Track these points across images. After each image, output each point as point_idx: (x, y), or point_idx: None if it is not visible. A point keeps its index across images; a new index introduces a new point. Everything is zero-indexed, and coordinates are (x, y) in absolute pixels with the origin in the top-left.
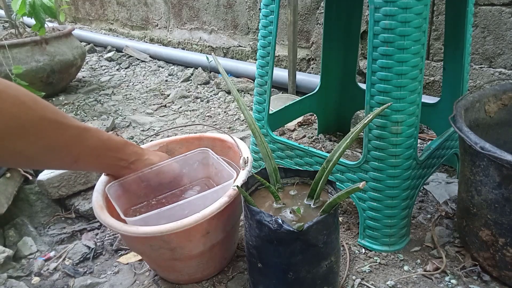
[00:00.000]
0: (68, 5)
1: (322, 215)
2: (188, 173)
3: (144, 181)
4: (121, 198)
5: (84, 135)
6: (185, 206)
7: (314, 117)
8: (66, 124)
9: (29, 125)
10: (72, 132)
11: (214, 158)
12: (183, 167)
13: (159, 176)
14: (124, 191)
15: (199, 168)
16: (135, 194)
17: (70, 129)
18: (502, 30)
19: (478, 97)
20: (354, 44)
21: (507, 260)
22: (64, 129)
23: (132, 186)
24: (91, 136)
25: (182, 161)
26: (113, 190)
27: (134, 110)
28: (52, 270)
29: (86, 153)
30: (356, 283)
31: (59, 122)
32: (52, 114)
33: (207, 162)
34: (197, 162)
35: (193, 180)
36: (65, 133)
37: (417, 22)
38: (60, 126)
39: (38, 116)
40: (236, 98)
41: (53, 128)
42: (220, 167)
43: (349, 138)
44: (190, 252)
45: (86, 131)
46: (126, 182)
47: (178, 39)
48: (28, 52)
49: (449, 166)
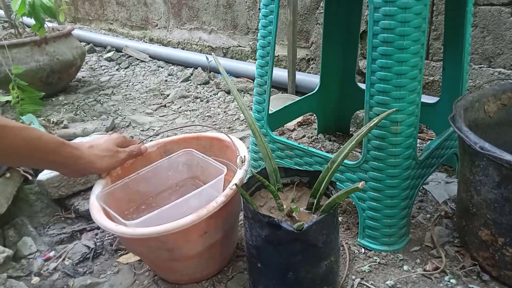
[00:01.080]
0: (67, 5)
1: (321, 215)
2: (173, 175)
3: (131, 187)
4: (112, 206)
5: (2, 133)
6: (181, 205)
7: (313, 117)
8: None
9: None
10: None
11: (200, 158)
12: (168, 169)
13: (147, 180)
14: (113, 198)
15: (184, 169)
16: (124, 200)
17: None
18: (502, 30)
19: (478, 97)
20: (354, 44)
21: (507, 260)
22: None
23: (121, 193)
24: (13, 135)
25: (167, 163)
26: (103, 199)
27: (134, 110)
28: (51, 270)
29: (8, 153)
30: (356, 282)
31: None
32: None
33: (191, 162)
34: (181, 163)
35: (179, 181)
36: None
37: (417, 22)
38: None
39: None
40: (236, 98)
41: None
42: (206, 164)
43: (355, 140)
44: (188, 252)
45: (7, 129)
46: (115, 189)
47: (177, 39)
48: (27, 52)
49: (449, 166)
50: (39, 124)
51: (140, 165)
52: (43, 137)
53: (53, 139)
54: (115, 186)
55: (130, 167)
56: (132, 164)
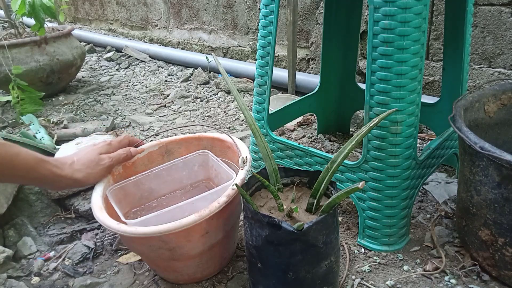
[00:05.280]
0: (67, 5)
1: (321, 215)
2: (188, 175)
3: (144, 184)
4: (122, 201)
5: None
6: (185, 208)
7: (313, 117)
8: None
9: None
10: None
11: (214, 160)
12: (183, 169)
13: (160, 178)
14: (125, 194)
15: (199, 170)
16: (136, 196)
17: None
18: (502, 30)
19: (478, 97)
20: (354, 44)
21: (507, 260)
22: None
23: (133, 189)
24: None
25: (182, 163)
26: (114, 193)
27: (134, 110)
28: (51, 270)
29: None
30: (356, 283)
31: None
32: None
33: (206, 164)
34: (197, 164)
35: (193, 182)
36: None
37: (417, 22)
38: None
39: None
40: (236, 98)
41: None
42: (219, 168)
43: (355, 141)
44: (189, 252)
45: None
46: (127, 185)
47: (177, 39)
48: (27, 52)
49: (449, 166)
50: (39, 124)
51: (141, 165)
52: (21, 154)
53: (31, 156)
54: (127, 181)
55: (131, 166)
56: (133, 164)
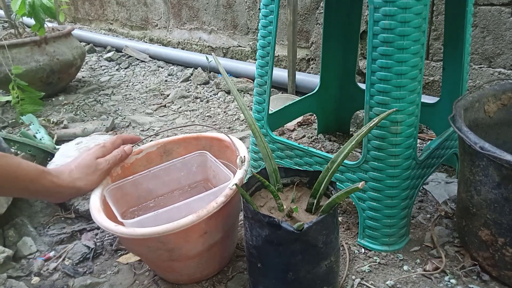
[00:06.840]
0: (67, 5)
1: (321, 215)
2: (187, 175)
3: (142, 183)
4: (120, 201)
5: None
6: (182, 208)
7: (313, 117)
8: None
9: None
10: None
11: (212, 161)
12: (181, 169)
13: (158, 178)
14: (122, 193)
15: (198, 171)
16: (134, 196)
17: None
18: (502, 30)
19: (478, 97)
20: (354, 44)
21: (507, 260)
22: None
23: (131, 189)
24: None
25: (180, 164)
26: (112, 192)
27: (134, 110)
28: (51, 270)
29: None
30: (356, 283)
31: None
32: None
33: (205, 165)
34: (196, 164)
35: (191, 182)
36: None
37: (417, 22)
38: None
39: None
40: (236, 98)
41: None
42: (217, 169)
43: (355, 141)
44: (188, 253)
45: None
46: (124, 185)
47: (177, 39)
48: (27, 52)
49: (449, 166)
50: (39, 124)
51: (140, 165)
52: (21, 165)
53: (32, 167)
54: (125, 181)
55: (130, 167)
56: (131, 164)
